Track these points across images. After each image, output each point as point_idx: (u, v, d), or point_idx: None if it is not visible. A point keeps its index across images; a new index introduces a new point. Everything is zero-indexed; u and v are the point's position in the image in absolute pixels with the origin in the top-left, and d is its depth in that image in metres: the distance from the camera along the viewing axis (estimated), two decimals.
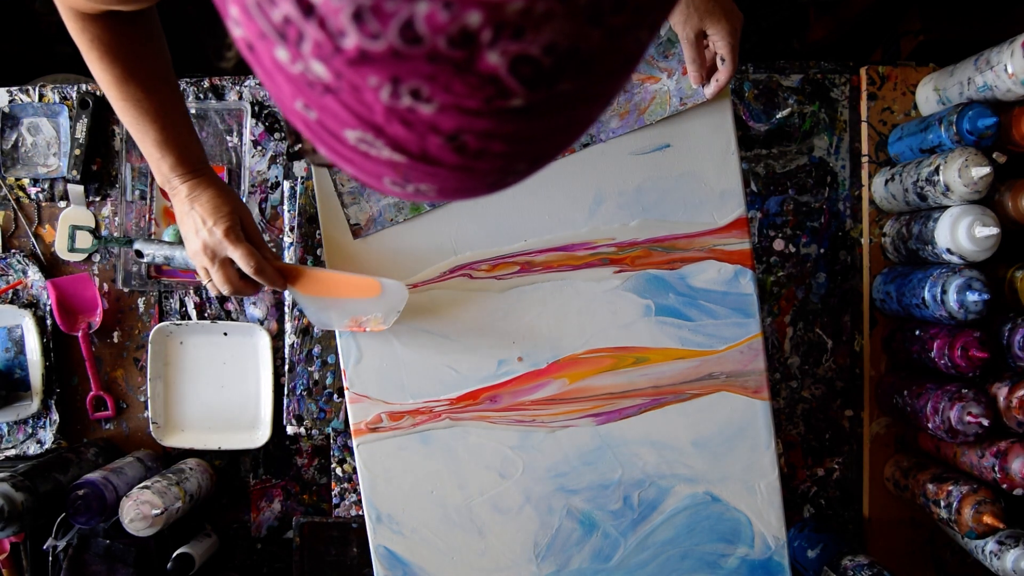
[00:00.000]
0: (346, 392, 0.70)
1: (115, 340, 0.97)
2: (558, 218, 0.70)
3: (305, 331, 0.93)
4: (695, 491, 0.70)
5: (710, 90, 0.66)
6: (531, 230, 0.70)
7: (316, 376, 0.93)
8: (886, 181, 0.93)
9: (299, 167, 0.98)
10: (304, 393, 0.93)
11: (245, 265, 0.62)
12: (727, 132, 0.68)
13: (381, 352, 0.70)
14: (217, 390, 0.96)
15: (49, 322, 0.95)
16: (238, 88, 0.98)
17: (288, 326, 0.94)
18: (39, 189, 0.97)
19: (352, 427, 0.70)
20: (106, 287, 0.96)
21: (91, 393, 0.95)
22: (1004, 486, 0.80)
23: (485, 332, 0.70)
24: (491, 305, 0.70)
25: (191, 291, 0.97)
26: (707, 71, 0.65)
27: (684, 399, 0.69)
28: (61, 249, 0.95)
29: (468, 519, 0.70)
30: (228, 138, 0.97)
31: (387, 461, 0.70)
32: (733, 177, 0.69)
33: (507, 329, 0.70)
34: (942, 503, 0.83)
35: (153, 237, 0.96)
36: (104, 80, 0.60)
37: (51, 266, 0.97)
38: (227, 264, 0.63)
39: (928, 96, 0.93)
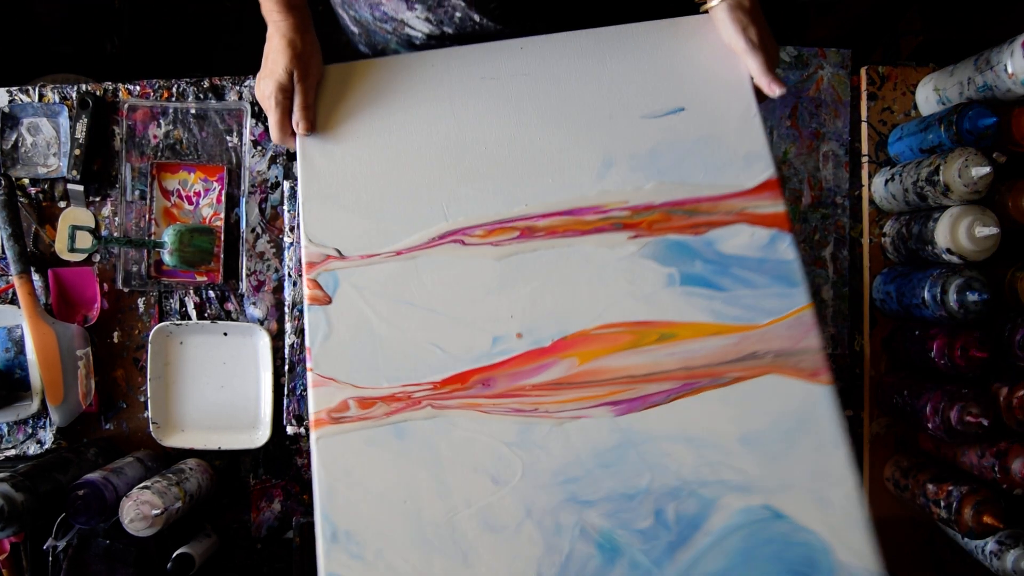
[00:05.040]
0: (309, 374, 0.60)
1: (115, 340, 0.97)
2: (563, 182, 0.62)
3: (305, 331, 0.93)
4: (749, 504, 0.54)
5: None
6: (532, 194, 0.62)
7: None
8: (886, 181, 0.93)
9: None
10: (304, 393, 0.93)
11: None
12: (746, 95, 0.64)
13: (355, 328, 0.60)
14: (217, 390, 0.96)
15: None
16: (238, 88, 0.98)
17: (288, 326, 0.94)
18: (39, 189, 0.97)
19: (312, 416, 0.59)
20: (106, 287, 0.96)
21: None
22: (1004, 486, 0.80)
23: (478, 305, 0.60)
24: (486, 274, 0.61)
25: (191, 291, 0.97)
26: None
27: (724, 383, 0.57)
28: (61, 249, 0.95)
29: (450, 539, 0.55)
30: (228, 138, 0.97)
31: (351, 461, 0.57)
32: (757, 139, 0.62)
33: (504, 301, 0.60)
34: (942, 503, 0.83)
35: (152, 237, 0.96)
36: None
37: (51, 266, 0.97)
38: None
39: (928, 96, 0.93)
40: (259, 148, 0.97)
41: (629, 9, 0.95)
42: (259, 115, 0.98)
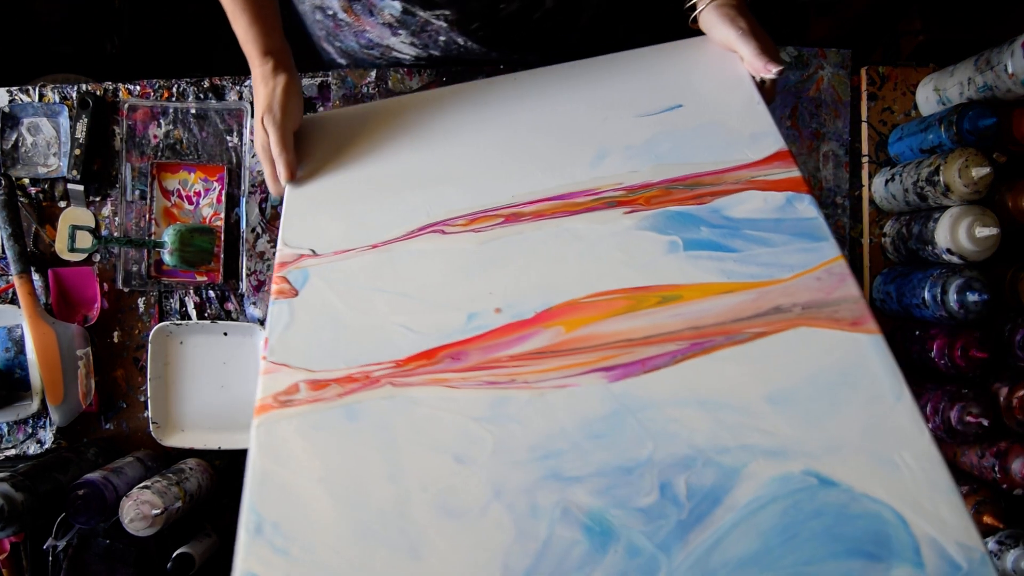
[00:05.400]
0: (261, 363, 0.54)
1: (115, 340, 0.97)
2: (553, 174, 0.59)
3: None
4: (787, 470, 0.42)
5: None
6: (520, 187, 0.59)
7: None
8: (886, 181, 0.93)
9: None
10: None
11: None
12: (747, 88, 0.62)
13: (318, 315, 0.55)
14: (217, 390, 0.96)
15: None
16: (238, 88, 0.98)
17: None
18: (39, 189, 0.97)
19: (257, 403, 0.52)
20: (106, 287, 0.96)
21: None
22: (1004, 486, 0.80)
23: (455, 287, 0.54)
24: (465, 258, 0.56)
25: (191, 291, 0.97)
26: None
27: (742, 340, 0.47)
28: (61, 249, 0.95)
29: (397, 529, 0.45)
30: (228, 138, 0.97)
31: (292, 446, 0.49)
32: (764, 121, 0.58)
33: (483, 280, 0.54)
34: None
35: (152, 237, 0.96)
36: None
37: (51, 266, 0.97)
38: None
39: (928, 96, 0.93)
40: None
41: (616, 25, 0.95)
42: None
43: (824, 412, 0.44)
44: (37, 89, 0.98)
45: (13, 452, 0.96)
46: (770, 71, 0.63)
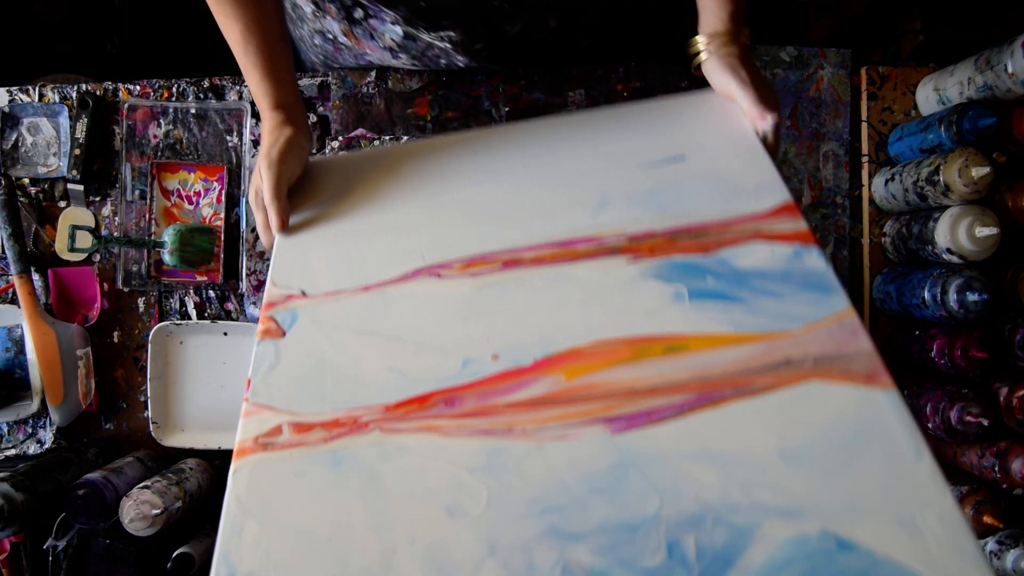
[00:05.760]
0: (243, 405, 0.52)
1: (115, 340, 0.97)
2: (554, 222, 0.58)
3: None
4: (803, 531, 0.40)
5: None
6: (520, 232, 0.58)
7: None
8: (886, 181, 0.93)
9: None
10: None
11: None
12: (750, 140, 0.61)
13: (306, 357, 0.53)
14: (217, 390, 0.96)
15: None
16: (238, 88, 0.98)
17: None
18: (39, 189, 0.97)
19: (236, 446, 0.50)
20: (106, 287, 0.96)
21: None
22: (1004, 486, 0.80)
23: (449, 331, 0.53)
24: (460, 303, 0.54)
25: (191, 291, 0.97)
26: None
27: (752, 393, 0.46)
28: (61, 249, 0.95)
29: None
30: (228, 138, 0.97)
31: (271, 493, 0.47)
32: (768, 172, 0.58)
33: (480, 326, 0.52)
34: None
35: (153, 237, 0.96)
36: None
37: (51, 266, 0.97)
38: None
39: (928, 96, 0.93)
40: (259, 148, 0.97)
41: (614, 46, 0.96)
42: (259, 115, 0.98)
43: (840, 470, 0.42)
44: (37, 89, 0.98)
45: (13, 452, 0.96)
46: (766, 119, 0.62)
